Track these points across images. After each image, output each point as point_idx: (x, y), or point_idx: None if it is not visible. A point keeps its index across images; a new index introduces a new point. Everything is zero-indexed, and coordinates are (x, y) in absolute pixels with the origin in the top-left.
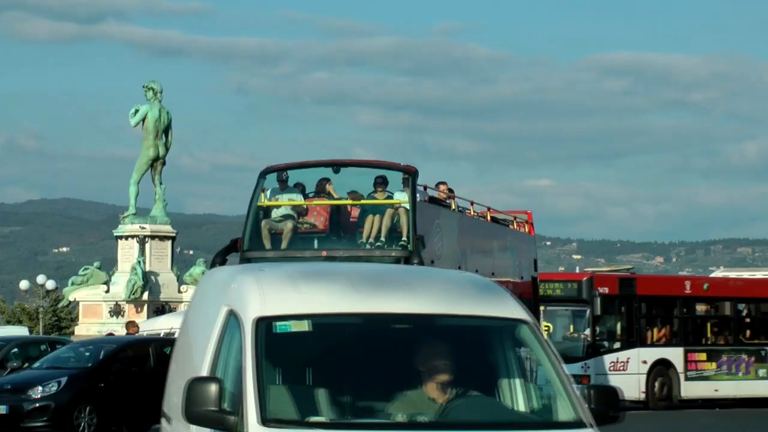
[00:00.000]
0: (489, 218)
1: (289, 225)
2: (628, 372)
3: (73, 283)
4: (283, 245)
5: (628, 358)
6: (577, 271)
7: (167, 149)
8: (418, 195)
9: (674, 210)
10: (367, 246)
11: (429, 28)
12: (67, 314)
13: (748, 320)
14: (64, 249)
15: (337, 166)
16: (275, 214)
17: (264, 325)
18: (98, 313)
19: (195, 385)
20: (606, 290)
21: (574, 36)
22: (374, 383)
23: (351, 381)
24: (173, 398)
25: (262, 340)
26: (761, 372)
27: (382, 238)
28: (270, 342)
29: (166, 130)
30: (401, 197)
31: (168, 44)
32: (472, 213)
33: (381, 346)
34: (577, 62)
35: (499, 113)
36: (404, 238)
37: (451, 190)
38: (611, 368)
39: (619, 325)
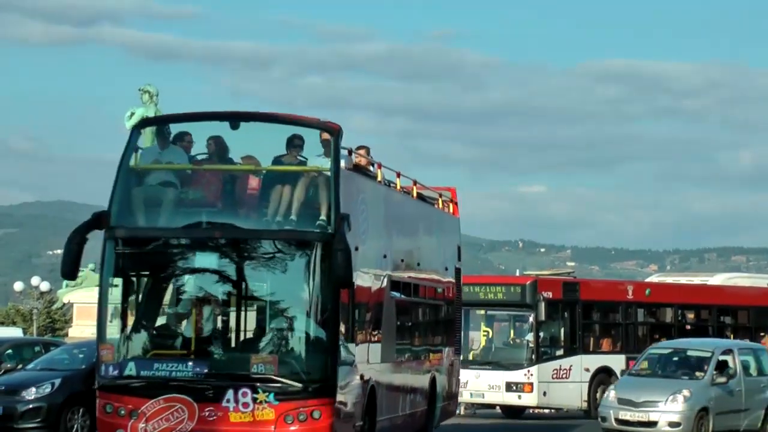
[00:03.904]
0: (415, 194)
1: (169, 195)
2: (571, 380)
3: (67, 285)
4: (162, 221)
5: (571, 366)
6: (518, 274)
7: None
8: (342, 161)
9: (668, 217)
10: (274, 225)
11: (422, 33)
12: (61, 316)
13: (688, 327)
14: (59, 251)
15: (235, 119)
16: (152, 180)
17: None
18: (92, 315)
19: None
20: (550, 294)
21: (568, 42)
22: None
23: None
24: None
25: None
26: None
27: (293, 216)
28: None
29: None
30: (320, 163)
31: (162, 48)
32: (398, 187)
33: None
34: (571, 69)
35: (493, 119)
36: (323, 216)
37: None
38: (554, 376)
39: (562, 331)
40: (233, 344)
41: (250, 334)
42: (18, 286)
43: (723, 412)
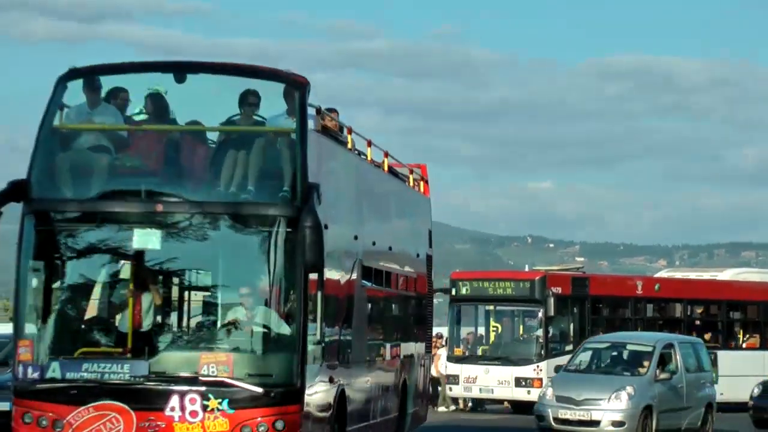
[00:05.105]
0: (386, 168)
1: (101, 161)
2: None
3: None
4: (94, 191)
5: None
6: (527, 269)
7: None
8: (309, 121)
9: (677, 214)
10: (228, 197)
11: (428, 31)
12: None
13: (698, 322)
14: None
15: (181, 71)
16: (80, 143)
17: None
18: None
19: None
20: (559, 290)
21: (574, 40)
22: None
23: None
24: None
25: None
26: None
27: (251, 186)
28: None
29: None
30: (284, 123)
31: (168, 44)
32: (369, 158)
33: None
34: (577, 66)
35: (499, 116)
36: (287, 186)
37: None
38: None
39: (571, 327)
40: (179, 340)
41: (199, 329)
42: None
43: (666, 410)
